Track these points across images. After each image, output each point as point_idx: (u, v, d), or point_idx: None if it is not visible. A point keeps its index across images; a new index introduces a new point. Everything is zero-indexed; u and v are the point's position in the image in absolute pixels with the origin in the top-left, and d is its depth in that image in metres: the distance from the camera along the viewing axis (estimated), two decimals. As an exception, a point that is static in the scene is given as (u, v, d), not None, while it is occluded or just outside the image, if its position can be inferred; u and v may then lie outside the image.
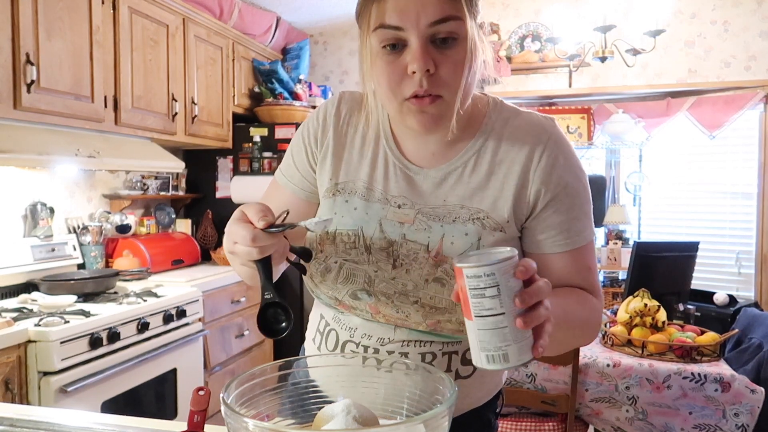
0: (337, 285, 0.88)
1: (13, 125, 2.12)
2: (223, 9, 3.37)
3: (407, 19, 0.75)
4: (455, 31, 0.76)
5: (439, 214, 0.86)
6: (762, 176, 3.63)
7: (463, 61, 0.77)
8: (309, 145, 0.95)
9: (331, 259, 0.88)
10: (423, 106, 0.78)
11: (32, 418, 0.95)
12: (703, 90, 3.69)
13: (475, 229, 0.84)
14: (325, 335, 0.96)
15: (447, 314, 0.84)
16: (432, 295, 0.84)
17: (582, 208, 0.87)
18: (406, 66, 0.77)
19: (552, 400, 1.94)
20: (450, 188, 0.86)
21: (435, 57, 0.76)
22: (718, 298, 3.34)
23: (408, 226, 0.86)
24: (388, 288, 0.86)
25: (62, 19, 2.24)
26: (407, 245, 0.85)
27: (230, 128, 3.47)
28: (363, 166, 0.91)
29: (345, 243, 0.88)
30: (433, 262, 0.84)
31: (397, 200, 0.88)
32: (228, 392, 0.65)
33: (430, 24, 0.75)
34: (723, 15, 3.67)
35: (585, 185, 0.88)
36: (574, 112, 3.85)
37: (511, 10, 4.04)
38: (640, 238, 3.89)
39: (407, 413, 0.72)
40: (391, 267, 0.86)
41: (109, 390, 2.09)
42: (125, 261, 2.83)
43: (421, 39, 0.75)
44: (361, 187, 0.90)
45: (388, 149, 0.90)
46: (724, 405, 1.85)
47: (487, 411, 0.97)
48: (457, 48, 0.77)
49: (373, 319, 0.90)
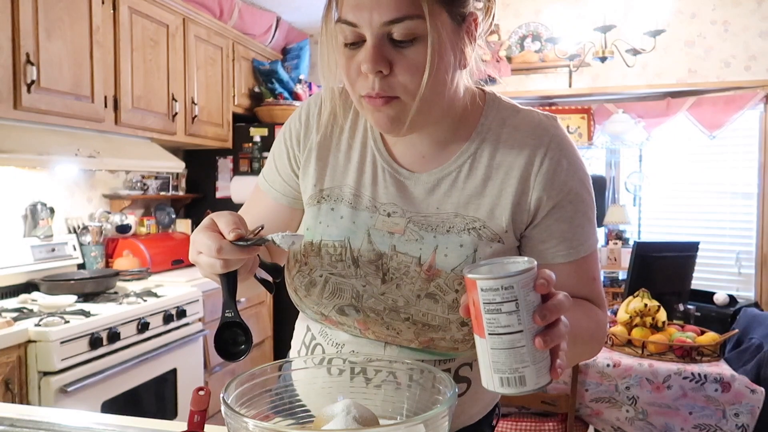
0: (322, 300, 0.82)
1: (13, 125, 2.12)
2: (223, 9, 3.37)
3: (362, 17, 0.70)
4: (413, 31, 0.69)
5: (432, 223, 0.80)
6: (762, 176, 3.63)
7: (424, 63, 0.70)
8: (291, 148, 0.89)
9: (316, 272, 0.82)
10: (377, 106, 0.73)
11: (32, 418, 0.95)
12: (703, 90, 3.69)
13: (470, 240, 0.78)
14: (311, 349, 0.90)
15: (441, 332, 0.78)
16: (424, 312, 0.78)
17: (586, 215, 0.81)
18: (360, 64, 0.72)
19: (552, 400, 1.94)
20: (443, 195, 0.81)
21: (392, 57, 0.70)
22: (718, 298, 3.34)
23: (398, 237, 0.80)
24: (378, 304, 0.80)
25: (62, 19, 2.24)
26: (398, 258, 0.80)
27: (230, 128, 3.47)
28: (350, 170, 0.85)
29: (331, 255, 0.82)
30: (425, 276, 0.78)
31: (387, 208, 0.82)
32: (228, 392, 0.65)
33: (385, 23, 0.69)
34: (723, 15, 3.67)
35: (589, 190, 0.82)
36: (574, 112, 3.85)
37: (511, 10, 4.04)
38: (640, 238, 3.90)
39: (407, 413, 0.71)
40: (380, 282, 0.80)
41: (109, 390, 2.09)
42: (125, 261, 2.83)
43: (374, 38, 0.70)
44: (348, 194, 0.84)
45: (376, 151, 0.84)
46: (724, 405, 1.85)
47: (481, 426, 0.92)
48: (416, 48, 0.70)
49: (361, 335, 0.84)
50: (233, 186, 3.46)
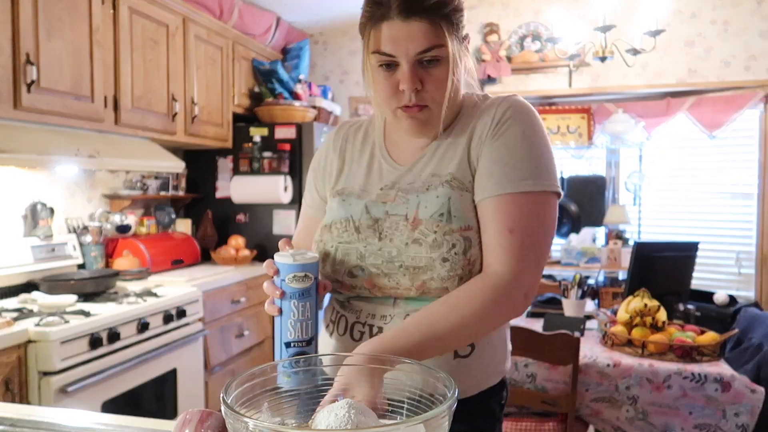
0: (336, 266, 0.99)
1: (13, 125, 2.12)
2: (223, 9, 3.37)
3: (399, 49, 0.90)
4: (438, 55, 0.91)
5: (415, 187, 0.98)
6: (762, 176, 3.63)
7: (446, 77, 0.92)
8: (317, 185, 1.14)
9: (329, 244, 1.00)
10: (413, 114, 0.95)
11: (32, 418, 0.95)
12: (703, 90, 3.70)
13: (444, 191, 0.95)
14: (336, 322, 1.05)
15: (428, 272, 0.92)
16: (413, 256, 0.93)
17: (524, 157, 0.92)
18: (398, 82, 0.92)
19: (552, 400, 1.94)
20: (425, 163, 1.00)
21: (422, 76, 0.92)
22: (718, 298, 3.34)
23: (390, 204, 0.99)
24: (377, 259, 0.96)
25: (62, 19, 2.24)
26: (390, 219, 0.97)
27: (230, 128, 3.47)
28: (359, 173, 1.06)
29: (338, 229, 1.00)
30: (411, 227, 0.95)
31: (381, 186, 1.02)
32: (228, 392, 0.65)
33: (418, 53, 0.90)
34: (723, 15, 3.67)
35: (532, 140, 0.93)
36: (574, 111, 3.85)
37: (511, 10, 4.04)
38: (640, 238, 3.90)
39: (407, 413, 0.71)
40: (377, 240, 0.97)
41: (109, 390, 2.10)
42: (125, 261, 2.83)
43: (410, 64, 0.91)
44: (357, 189, 1.04)
45: (381, 158, 1.05)
46: (724, 405, 1.85)
47: (491, 400, 1.02)
48: (440, 67, 0.92)
49: (372, 296, 0.99)
50: (233, 186, 3.46)
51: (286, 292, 0.88)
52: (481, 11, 4.09)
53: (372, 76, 0.96)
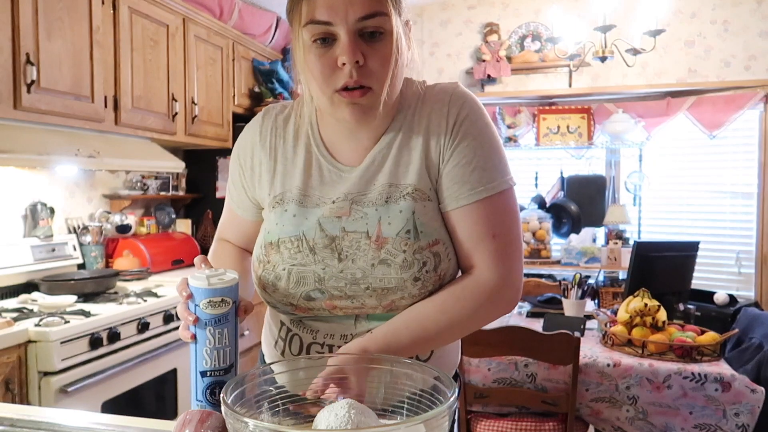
0: (289, 291, 0.90)
1: (13, 125, 2.12)
2: (223, 9, 3.37)
3: (336, 15, 0.80)
4: (382, 26, 0.82)
5: (371, 198, 0.89)
6: (762, 176, 3.63)
7: (390, 54, 0.83)
8: (245, 183, 1.00)
9: (279, 267, 0.90)
10: (353, 99, 0.83)
11: (32, 418, 0.95)
12: (703, 90, 3.70)
13: (407, 204, 0.88)
14: (288, 341, 0.97)
15: (399, 291, 0.87)
16: (380, 278, 0.87)
17: (489, 155, 0.89)
18: (337, 58, 0.81)
19: (552, 400, 1.94)
20: (376, 169, 0.91)
21: (363, 50, 0.81)
22: (718, 298, 3.34)
23: (345, 219, 0.89)
24: (339, 281, 0.88)
25: (62, 19, 2.23)
26: (348, 237, 0.88)
27: (230, 128, 3.47)
28: (296, 174, 0.94)
29: (289, 249, 0.90)
30: (375, 246, 0.87)
31: (332, 197, 0.91)
32: (228, 392, 0.65)
33: (358, 19, 0.80)
34: (723, 15, 3.67)
35: (489, 139, 0.90)
36: (574, 111, 3.85)
37: (511, 10, 4.04)
38: (640, 238, 3.89)
39: (407, 413, 0.71)
40: (337, 261, 0.88)
41: (109, 390, 2.09)
42: (125, 261, 2.83)
43: (350, 33, 0.80)
44: (296, 194, 0.93)
45: (320, 156, 0.94)
46: (724, 405, 1.85)
47: None
48: (384, 42, 0.83)
49: (331, 315, 0.92)
50: (233, 186, 3.46)
51: (200, 318, 0.77)
52: (481, 11, 4.09)
53: (304, 57, 0.84)
